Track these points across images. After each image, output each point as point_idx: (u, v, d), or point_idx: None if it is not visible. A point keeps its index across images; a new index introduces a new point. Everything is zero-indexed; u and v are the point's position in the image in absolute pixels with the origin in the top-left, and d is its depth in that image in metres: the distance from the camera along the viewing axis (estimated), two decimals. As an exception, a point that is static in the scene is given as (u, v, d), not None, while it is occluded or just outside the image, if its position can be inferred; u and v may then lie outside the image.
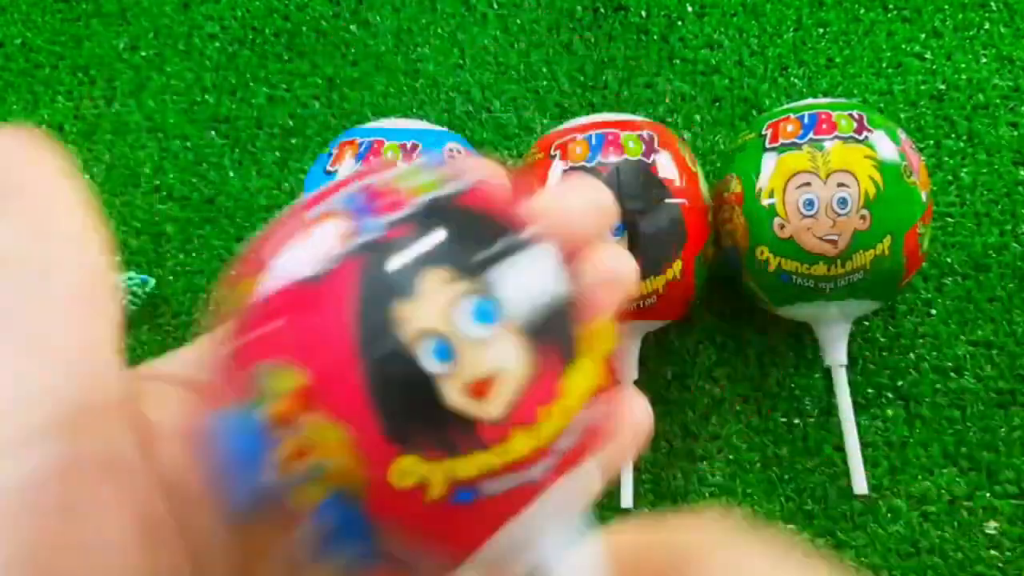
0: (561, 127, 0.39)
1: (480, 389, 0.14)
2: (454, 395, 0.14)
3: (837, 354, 0.38)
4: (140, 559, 0.13)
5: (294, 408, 0.13)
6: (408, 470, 0.14)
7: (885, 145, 0.35)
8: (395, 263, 0.14)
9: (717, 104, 0.47)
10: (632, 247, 0.35)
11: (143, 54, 0.50)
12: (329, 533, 0.14)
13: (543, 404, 0.14)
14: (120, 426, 0.14)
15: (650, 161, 0.36)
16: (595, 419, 0.15)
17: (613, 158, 0.36)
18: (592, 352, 0.15)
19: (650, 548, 0.16)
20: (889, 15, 0.48)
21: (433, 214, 0.15)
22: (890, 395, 0.41)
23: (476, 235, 0.15)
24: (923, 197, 0.36)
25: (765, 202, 0.36)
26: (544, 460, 0.14)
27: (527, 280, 0.15)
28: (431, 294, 0.14)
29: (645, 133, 0.37)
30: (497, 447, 0.14)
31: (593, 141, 0.36)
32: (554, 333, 0.15)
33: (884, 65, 0.46)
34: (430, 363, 0.13)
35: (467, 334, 0.14)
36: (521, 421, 0.14)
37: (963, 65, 0.46)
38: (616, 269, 0.16)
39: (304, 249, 0.14)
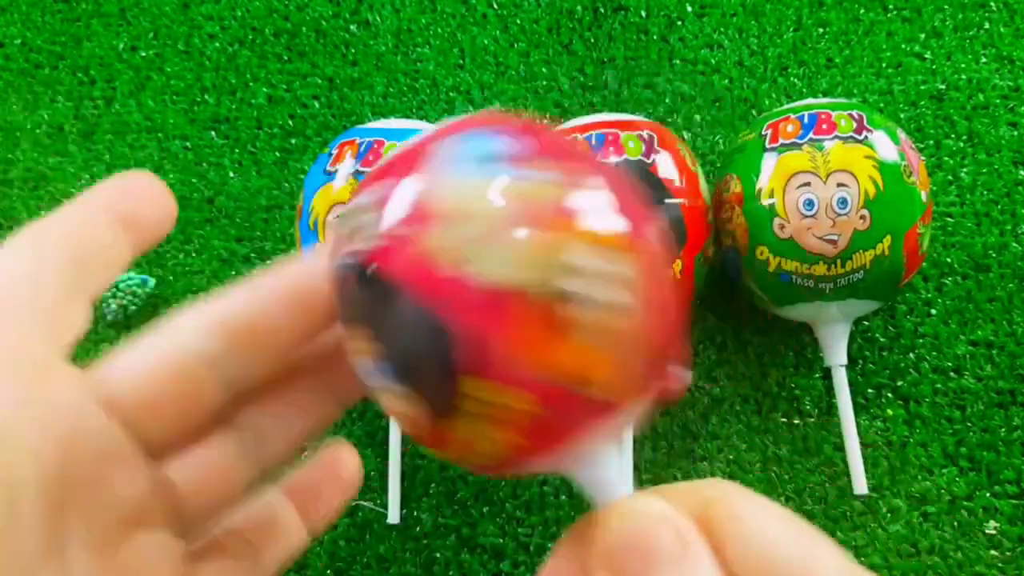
0: (561, 127, 0.39)
1: (401, 420, 0.18)
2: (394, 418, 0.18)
3: (837, 354, 0.38)
4: None
5: None
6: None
7: (885, 145, 0.35)
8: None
9: (717, 104, 0.47)
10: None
11: (143, 54, 0.50)
12: None
13: (433, 447, 0.17)
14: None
15: (650, 161, 0.36)
16: (520, 447, 0.17)
17: (613, 158, 0.36)
18: (465, 410, 0.17)
19: (673, 496, 0.17)
20: (889, 15, 0.48)
21: (360, 280, 0.17)
22: (890, 395, 0.41)
23: (376, 300, 0.17)
24: (923, 197, 0.36)
25: (765, 202, 0.36)
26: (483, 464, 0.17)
27: (409, 338, 0.17)
28: (357, 348, 0.17)
29: (645, 133, 0.37)
30: (435, 451, 0.17)
31: (593, 141, 0.36)
32: (429, 393, 0.17)
33: (884, 65, 0.46)
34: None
35: (379, 386, 0.17)
36: (431, 445, 0.17)
37: (963, 65, 0.46)
38: None
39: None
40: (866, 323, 0.42)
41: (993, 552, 0.38)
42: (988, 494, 0.39)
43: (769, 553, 0.15)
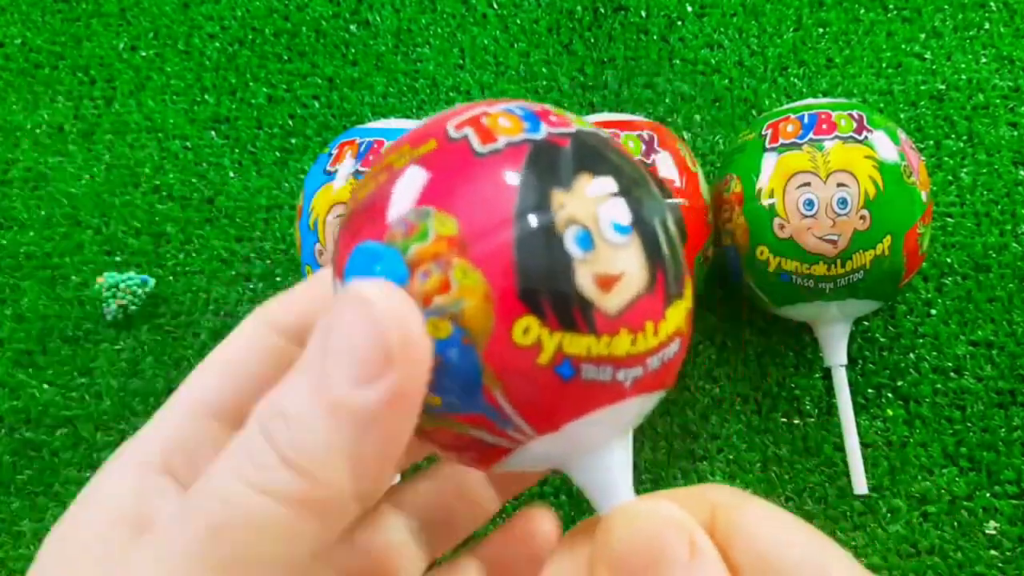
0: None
1: (606, 283, 0.16)
2: (585, 280, 0.16)
3: (837, 354, 0.38)
4: None
5: (446, 250, 0.16)
6: (528, 329, 0.15)
7: (885, 145, 0.35)
8: (556, 159, 0.17)
9: (717, 104, 0.47)
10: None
11: (143, 54, 0.50)
12: (444, 368, 0.16)
13: (650, 319, 0.16)
14: None
15: (650, 161, 0.36)
16: (674, 357, 0.17)
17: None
18: (686, 299, 0.18)
19: (676, 500, 0.17)
20: (889, 15, 0.48)
21: (590, 138, 0.18)
22: (890, 395, 0.41)
23: (621, 164, 0.17)
24: (923, 197, 0.36)
25: (765, 202, 0.36)
26: (635, 368, 0.16)
27: (659, 214, 0.17)
28: (584, 192, 0.16)
29: (645, 133, 0.37)
30: (605, 337, 0.16)
31: (593, 141, 0.36)
32: (670, 266, 0.17)
33: (884, 65, 0.46)
34: (572, 246, 0.16)
35: (606, 235, 0.16)
36: (630, 324, 0.16)
37: (963, 65, 0.46)
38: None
39: (479, 133, 0.17)
40: (866, 323, 0.42)
41: (993, 552, 0.38)
42: (988, 494, 0.39)
43: (778, 558, 0.15)
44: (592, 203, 0.16)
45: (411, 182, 0.17)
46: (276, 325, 0.19)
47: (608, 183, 0.17)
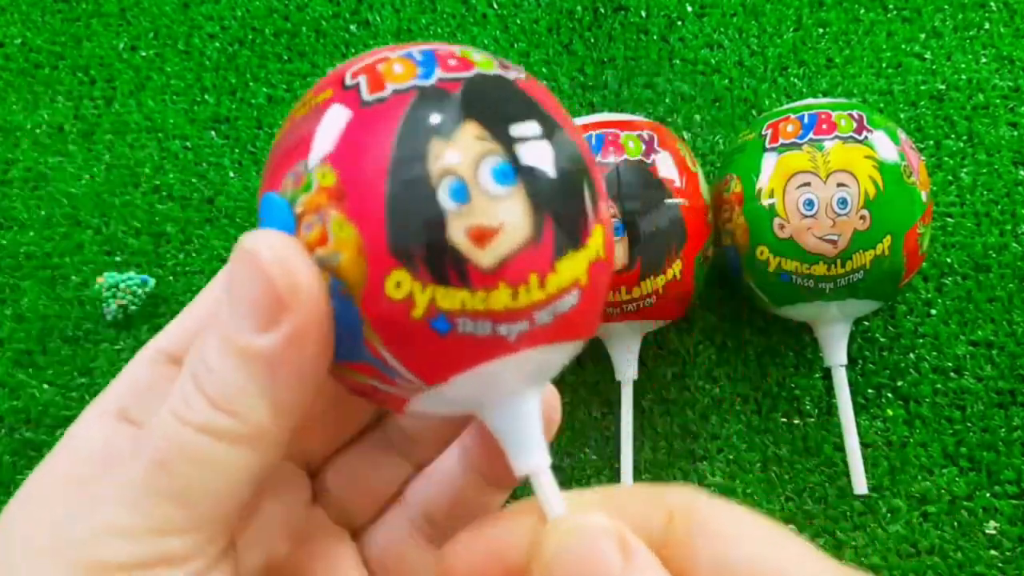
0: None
1: (481, 236, 0.15)
2: (457, 233, 0.15)
3: (837, 354, 0.38)
4: None
5: (326, 202, 0.16)
6: (400, 283, 0.15)
7: (885, 145, 0.35)
8: (441, 107, 0.16)
9: (717, 104, 0.47)
10: (632, 247, 0.35)
11: (143, 54, 0.50)
12: (331, 319, 0.16)
13: (535, 271, 0.16)
14: None
15: (650, 161, 0.36)
16: (569, 310, 0.17)
17: (613, 158, 0.36)
18: (588, 249, 0.17)
19: (633, 501, 0.17)
20: (889, 15, 0.48)
21: (487, 82, 0.17)
22: (890, 395, 0.41)
23: (517, 111, 0.17)
24: (923, 197, 0.36)
25: (765, 202, 0.36)
26: (519, 322, 0.16)
27: (552, 163, 0.17)
28: (464, 142, 0.16)
29: (645, 133, 0.37)
30: (480, 291, 0.16)
31: (593, 141, 0.36)
32: (569, 215, 0.16)
33: (884, 65, 0.46)
34: (445, 199, 0.15)
35: (484, 186, 0.16)
36: (509, 277, 0.16)
37: (963, 65, 0.46)
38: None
39: (369, 81, 0.17)
40: (866, 323, 0.42)
41: (993, 552, 0.38)
42: (988, 494, 0.39)
43: (735, 558, 0.15)
44: (472, 152, 0.16)
45: (303, 133, 0.17)
46: None
47: (497, 131, 0.16)
